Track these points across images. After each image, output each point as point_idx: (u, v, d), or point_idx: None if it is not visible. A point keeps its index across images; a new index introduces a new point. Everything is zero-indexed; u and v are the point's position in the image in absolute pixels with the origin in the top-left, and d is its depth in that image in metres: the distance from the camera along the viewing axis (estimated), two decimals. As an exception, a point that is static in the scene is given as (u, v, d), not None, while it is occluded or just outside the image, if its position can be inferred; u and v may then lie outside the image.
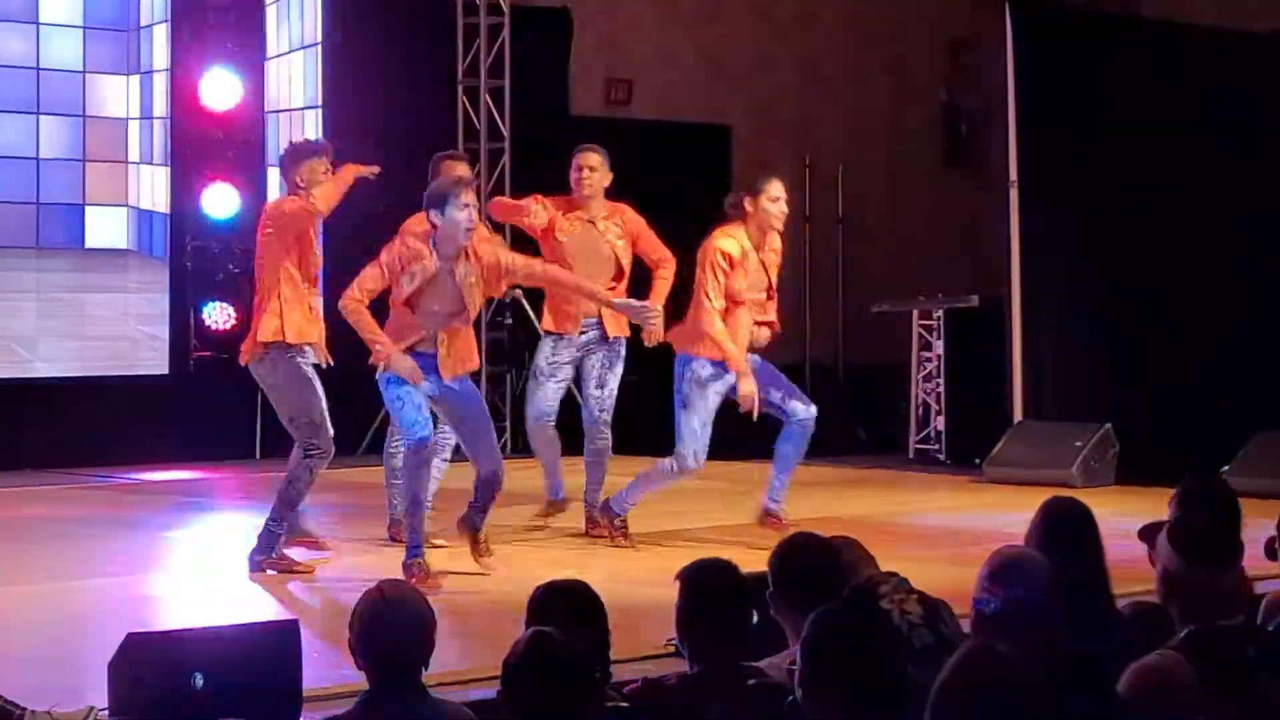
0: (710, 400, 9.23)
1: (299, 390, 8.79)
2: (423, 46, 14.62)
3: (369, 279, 8.31)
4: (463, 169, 9.63)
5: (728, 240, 9.25)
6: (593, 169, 9.81)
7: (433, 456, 8.46)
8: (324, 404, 8.81)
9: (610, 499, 9.51)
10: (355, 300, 8.23)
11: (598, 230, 9.75)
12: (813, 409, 9.38)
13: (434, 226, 8.35)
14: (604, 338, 9.69)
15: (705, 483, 10.47)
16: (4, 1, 13.39)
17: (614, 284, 9.67)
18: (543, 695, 3.84)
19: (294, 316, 8.80)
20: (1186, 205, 13.26)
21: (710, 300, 9.17)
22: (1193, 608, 4.20)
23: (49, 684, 6.13)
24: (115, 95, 13.90)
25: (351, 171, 9.27)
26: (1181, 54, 13.46)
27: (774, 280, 9.52)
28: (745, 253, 9.26)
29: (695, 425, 9.21)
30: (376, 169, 9.38)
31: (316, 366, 8.93)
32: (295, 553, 8.83)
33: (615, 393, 9.76)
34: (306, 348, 8.87)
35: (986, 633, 4.20)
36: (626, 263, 9.78)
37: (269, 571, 8.62)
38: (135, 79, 13.93)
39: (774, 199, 9.34)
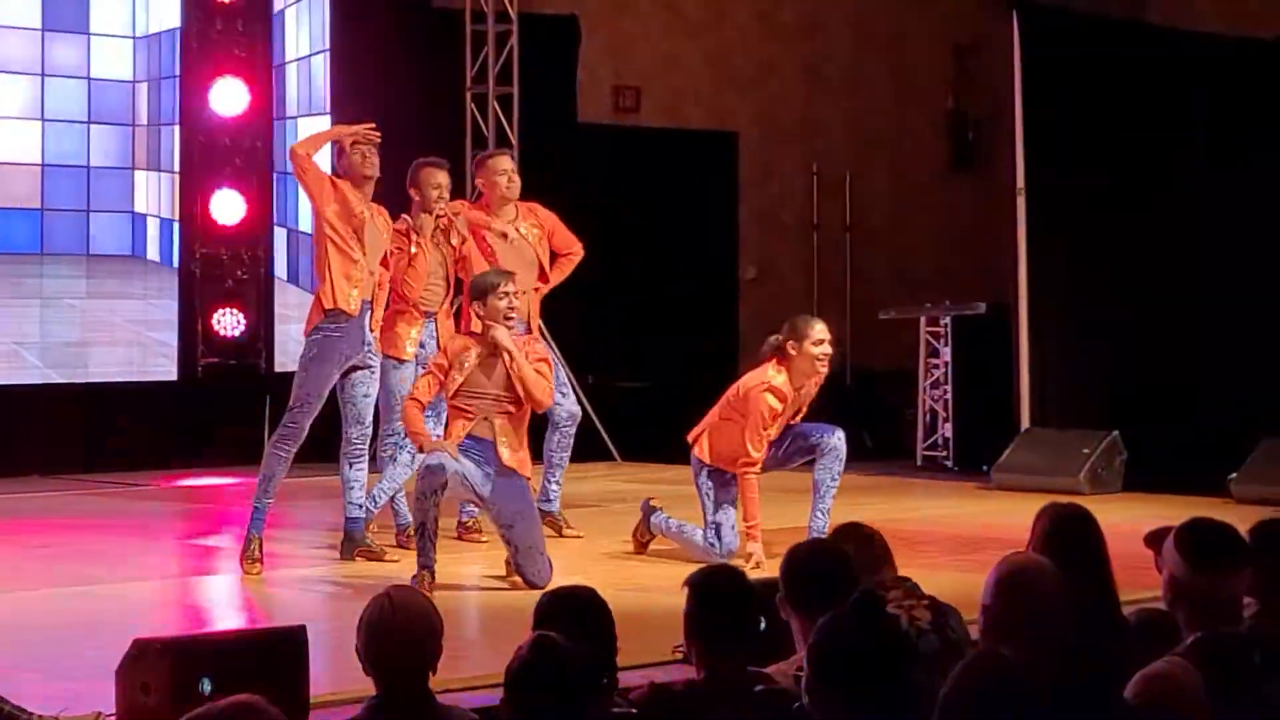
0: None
1: None
2: (430, 54, 14.64)
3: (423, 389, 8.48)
4: (442, 177, 9.62)
5: (775, 397, 9.00)
6: (516, 172, 9.96)
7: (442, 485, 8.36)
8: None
9: (656, 516, 9.50)
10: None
11: (520, 234, 9.83)
12: (839, 432, 9.34)
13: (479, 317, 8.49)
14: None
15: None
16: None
17: (539, 284, 9.87)
18: (546, 700, 3.85)
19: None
20: (1193, 211, 13.26)
21: (751, 453, 9.02)
22: (1199, 614, 4.20)
23: (56, 689, 6.14)
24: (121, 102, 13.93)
25: (340, 131, 9.35)
26: (1187, 59, 13.46)
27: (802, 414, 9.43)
28: (788, 403, 9.14)
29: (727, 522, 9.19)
30: (370, 125, 9.21)
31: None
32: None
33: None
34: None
35: (994, 638, 4.21)
36: (546, 262, 9.90)
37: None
38: (143, 86, 13.96)
39: (818, 342, 9.10)
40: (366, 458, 9.25)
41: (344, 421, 9.15)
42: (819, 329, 9.14)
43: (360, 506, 9.20)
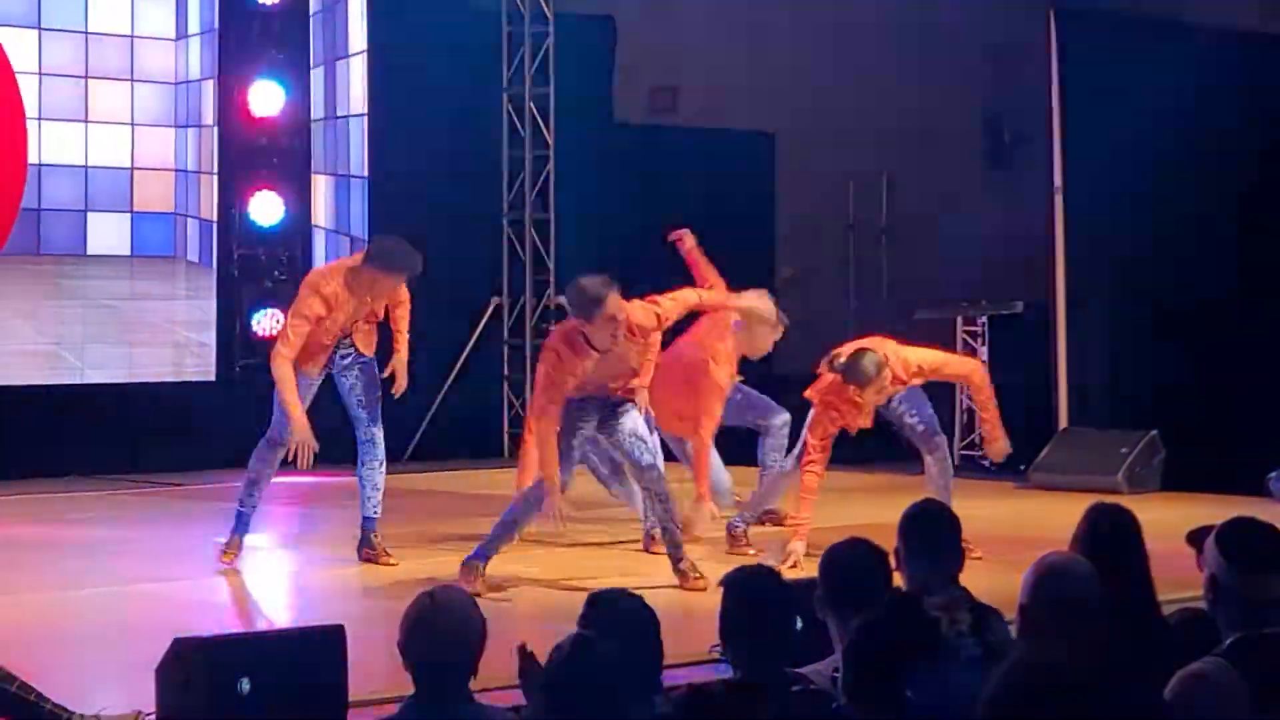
0: None
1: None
2: (467, 55, 14.66)
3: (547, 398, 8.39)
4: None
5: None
6: None
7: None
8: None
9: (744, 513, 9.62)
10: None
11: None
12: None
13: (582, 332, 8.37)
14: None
15: (740, 491, 10.47)
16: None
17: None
18: (583, 699, 3.85)
19: None
20: (1232, 210, 13.21)
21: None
22: (1239, 614, 4.18)
23: (97, 689, 6.18)
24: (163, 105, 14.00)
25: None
26: (1225, 57, 13.41)
27: None
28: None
29: None
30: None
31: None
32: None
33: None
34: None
35: (1030, 638, 4.20)
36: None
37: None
38: (180, 88, 14.02)
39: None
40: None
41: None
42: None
43: (375, 506, 9.23)
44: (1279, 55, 13.61)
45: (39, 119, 13.35)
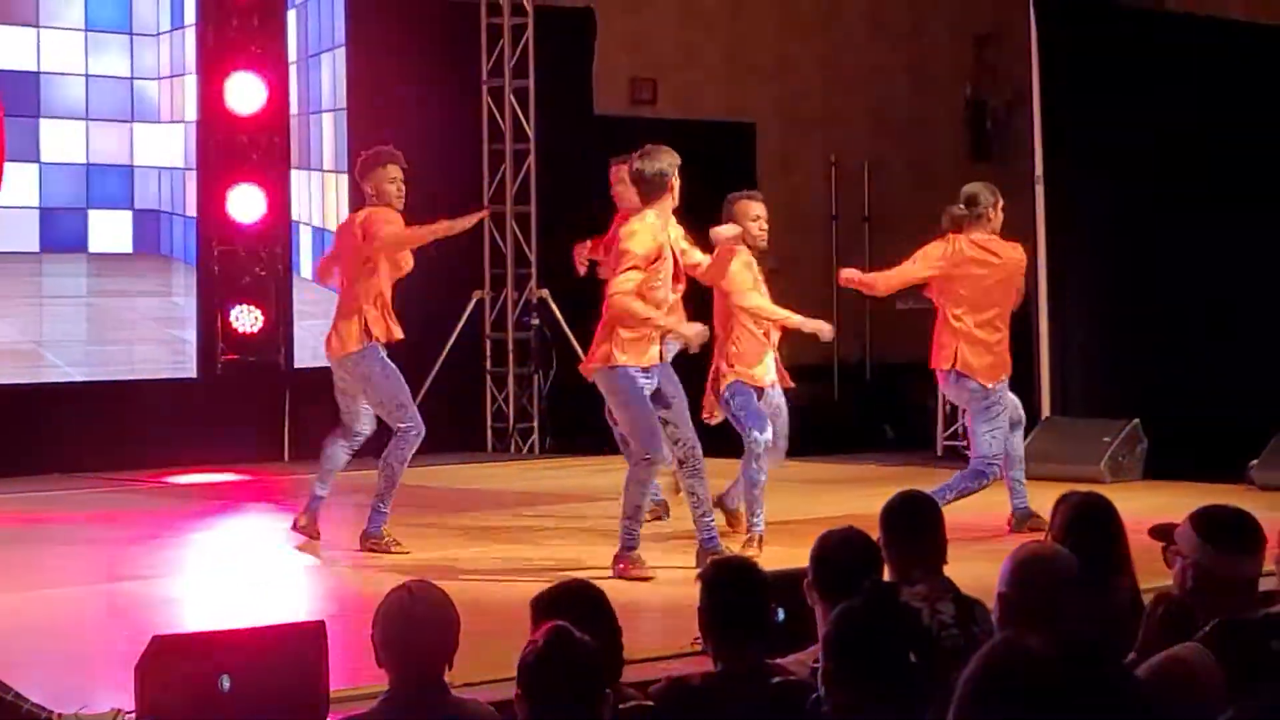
0: None
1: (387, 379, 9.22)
2: (446, 48, 14.63)
3: None
4: (758, 207, 9.88)
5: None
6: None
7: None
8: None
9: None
10: None
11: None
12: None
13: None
14: None
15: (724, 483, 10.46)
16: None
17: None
18: (562, 691, 3.83)
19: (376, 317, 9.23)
20: (1213, 200, 13.21)
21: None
22: (1217, 598, 4.19)
23: (76, 686, 6.15)
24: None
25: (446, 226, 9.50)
26: (1207, 47, 13.41)
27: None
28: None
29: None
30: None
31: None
32: None
33: None
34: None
35: (1010, 626, 4.19)
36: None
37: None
38: (162, 84, 13.99)
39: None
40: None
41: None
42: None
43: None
44: (1263, 44, 13.61)
45: (37, 116, 13.34)
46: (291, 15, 14.29)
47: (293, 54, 14.29)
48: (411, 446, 9.25)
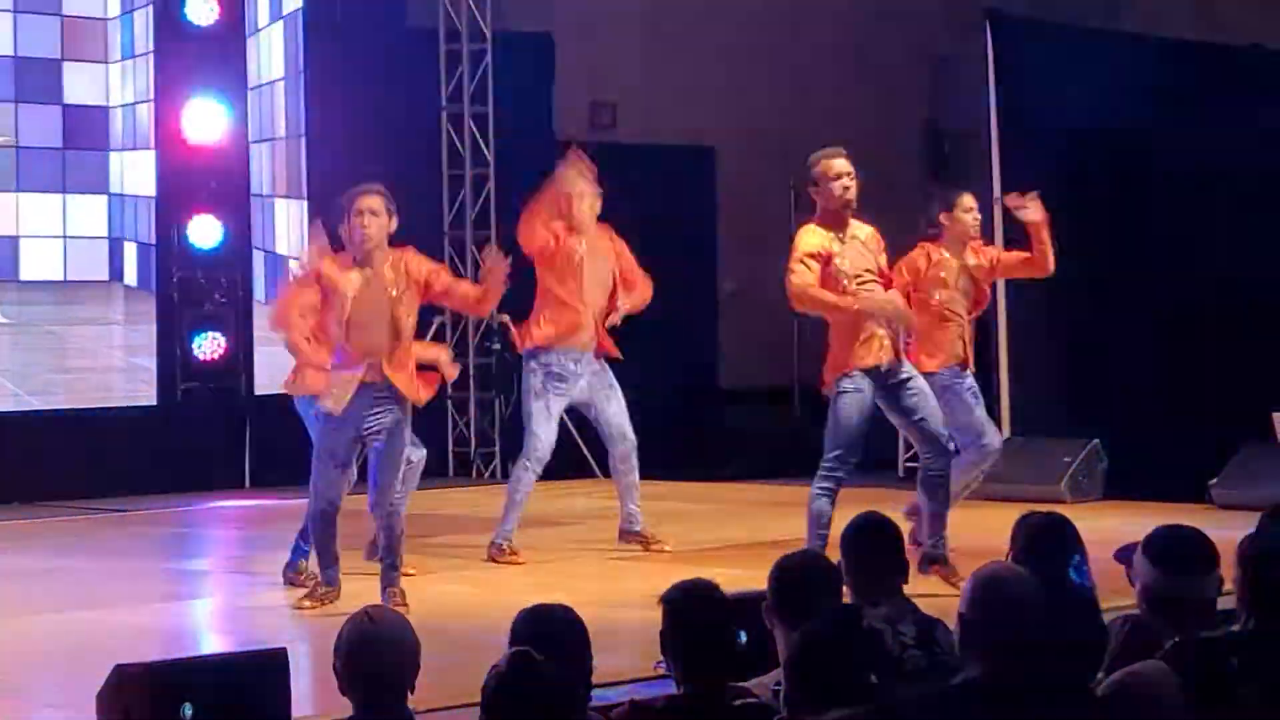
0: None
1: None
2: (405, 74, 14.62)
3: None
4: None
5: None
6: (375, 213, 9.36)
7: None
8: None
9: None
10: None
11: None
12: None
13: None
14: None
15: (685, 505, 10.48)
16: None
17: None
18: (524, 717, 3.83)
19: None
20: (1171, 218, 13.27)
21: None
22: (1175, 619, 4.21)
23: (38, 716, 6.12)
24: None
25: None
26: (1162, 67, 13.49)
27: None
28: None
29: None
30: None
31: None
32: None
33: None
34: None
35: (970, 647, 4.21)
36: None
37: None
38: (119, 110, 13.96)
39: (967, 210, 9.92)
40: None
41: None
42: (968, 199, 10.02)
43: None
44: (1215, 63, 13.69)
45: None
46: (251, 43, 14.28)
47: (253, 79, 14.28)
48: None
